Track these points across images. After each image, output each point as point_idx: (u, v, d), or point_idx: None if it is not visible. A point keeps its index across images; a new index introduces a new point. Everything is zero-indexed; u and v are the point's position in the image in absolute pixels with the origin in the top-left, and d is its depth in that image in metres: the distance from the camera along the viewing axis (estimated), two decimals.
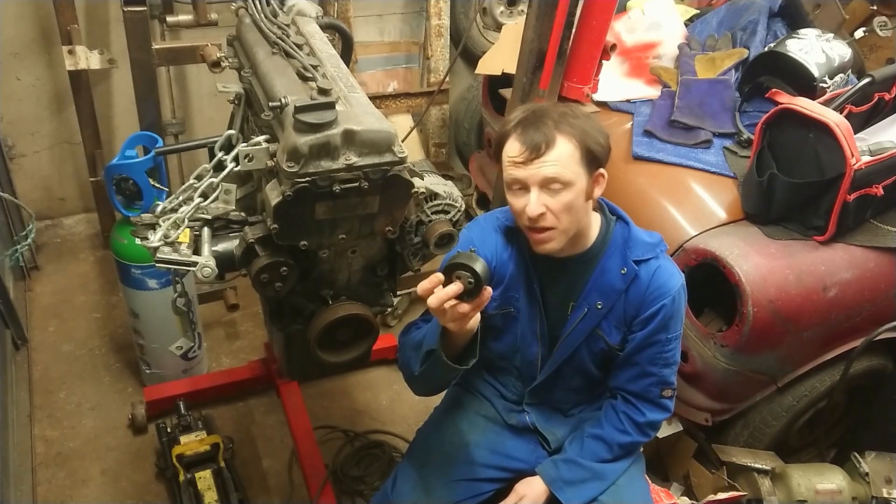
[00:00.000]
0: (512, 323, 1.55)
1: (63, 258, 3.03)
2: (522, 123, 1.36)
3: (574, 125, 1.34)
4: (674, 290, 1.44)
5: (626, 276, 1.45)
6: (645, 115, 2.37)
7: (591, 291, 1.48)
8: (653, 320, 1.45)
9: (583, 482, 1.53)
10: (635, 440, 1.55)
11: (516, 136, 1.35)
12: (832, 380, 2.02)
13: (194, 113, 3.16)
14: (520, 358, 1.59)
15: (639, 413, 1.54)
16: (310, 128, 1.21)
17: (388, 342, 2.61)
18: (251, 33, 1.65)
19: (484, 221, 1.59)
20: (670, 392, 1.54)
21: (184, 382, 2.39)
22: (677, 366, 1.54)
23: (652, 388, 1.52)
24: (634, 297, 1.46)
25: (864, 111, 2.11)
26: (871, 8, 2.62)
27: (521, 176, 1.35)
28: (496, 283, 1.51)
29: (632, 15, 2.63)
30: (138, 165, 1.82)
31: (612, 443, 1.54)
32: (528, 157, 1.33)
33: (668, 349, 1.49)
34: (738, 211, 2.01)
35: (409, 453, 1.71)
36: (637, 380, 1.52)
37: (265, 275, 1.35)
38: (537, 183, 1.34)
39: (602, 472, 1.54)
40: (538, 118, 1.35)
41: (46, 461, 2.20)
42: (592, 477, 1.53)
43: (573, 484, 1.52)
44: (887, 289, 1.94)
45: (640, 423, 1.54)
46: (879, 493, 2.00)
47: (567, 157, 1.33)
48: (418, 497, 1.55)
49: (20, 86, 2.80)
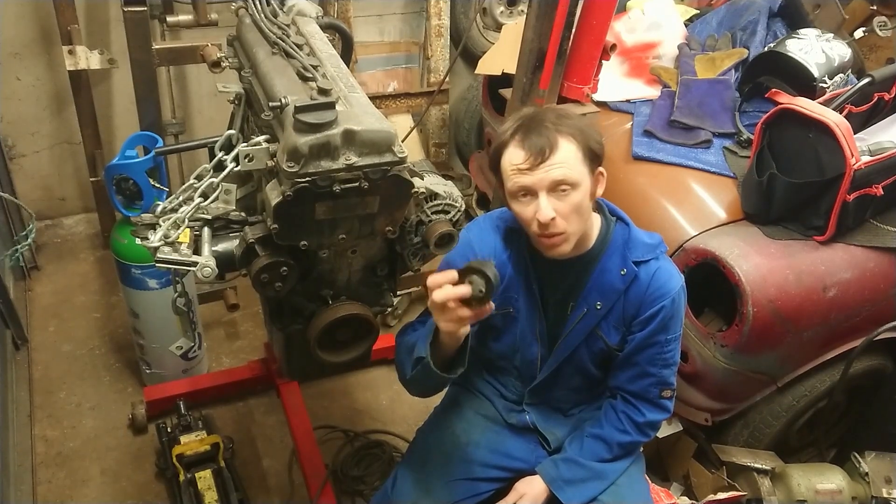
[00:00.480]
0: (511, 323, 1.55)
1: (63, 258, 3.03)
2: (521, 130, 1.34)
3: (571, 125, 1.34)
4: (673, 292, 1.44)
5: (626, 277, 1.44)
6: (645, 115, 2.37)
7: (591, 292, 1.48)
8: (652, 321, 1.45)
9: (582, 481, 1.53)
10: (635, 440, 1.55)
11: (517, 144, 1.34)
12: (832, 380, 2.02)
13: (194, 113, 3.15)
14: (519, 358, 1.59)
15: (638, 413, 1.53)
16: (310, 128, 1.21)
17: (388, 342, 2.60)
18: (251, 33, 1.65)
19: (483, 222, 1.58)
20: (670, 392, 1.54)
21: (184, 382, 2.39)
22: (677, 366, 1.53)
23: (651, 389, 1.52)
24: (634, 298, 1.46)
25: (863, 111, 2.11)
26: (871, 8, 2.62)
27: (528, 182, 1.33)
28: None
29: (632, 15, 2.63)
30: (138, 165, 1.82)
31: (612, 442, 1.54)
32: (533, 162, 1.31)
33: (667, 350, 1.49)
34: (738, 211, 2.01)
35: (408, 453, 1.71)
36: (636, 380, 1.52)
37: (265, 275, 1.35)
38: (545, 187, 1.32)
39: (602, 471, 1.54)
40: (536, 123, 1.34)
41: (46, 461, 2.20)
42: (592, 476, 1.53)
43: (573, 483, 1.52)
44: (887, 289, 1.94)
45: (640, 423, 1.54)
46: (879, 493, 2.00)
47: (572, 158, 1.33)
48: (418, 496, 1.55)
49: (20, 86, 2.80)
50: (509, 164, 1.36)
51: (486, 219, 1.59)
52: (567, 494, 1.51)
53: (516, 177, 1.35)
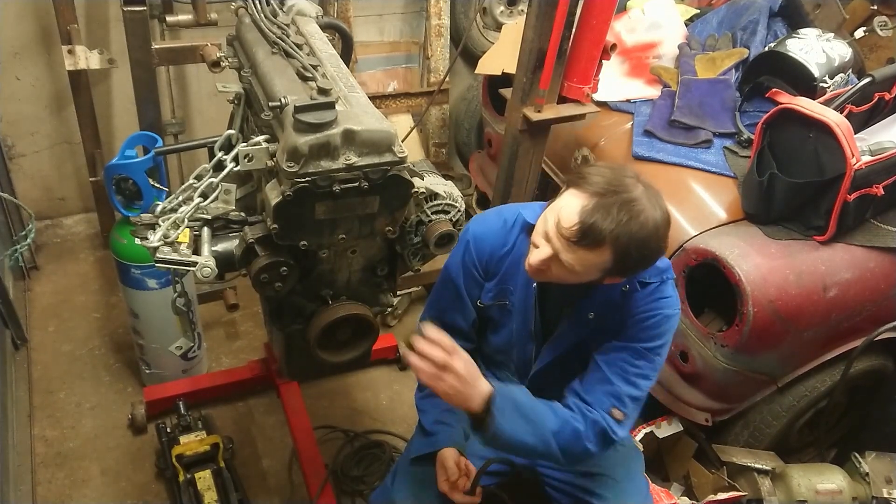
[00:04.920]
0: (507, 317, 1.55)
1: (63, 258, 3.03)
2: (599, 199, 1.24)
3: (634, 236, 1.23)
4: (669, 311, 1.41)
5: (626, 293, 1.43)
6: (645, 114, 2.37)
7: (586, 302, 1.46)
8: (638, 325, 1.41)
9: (521, 416, 1.37)
10: (575, 428, 1.40)
11: (581, 207, 1.24)
12: (832, 380, 2.02)
13: (194, 113, 3.15)
14: (516, 354, 1.60)
15: (580, 419, 1.41)
16: (310, 128, 1.21)
17: (388, 342, 2.61)
18: (251, 33, 1.65)
19: (488, 216, 1.59)
20: (620, 415, 1.41)
21: (184, 382, 2.39)
22: (640, 396, 1.43)
23: (604, 399, 1.41)
24: (629, 313, 1.43)
25: (864, 111, 2.11)
26: (871, 8, 2.62)
27: (551, 235, 1.29)
28: (490, 275, 1.53)
29: (632, 15, 2.63)
30: (138, 165, 1.82)
31: (559, 414, 1.41)
32: (569, 235, 1.25)
33: (637, 363, 1.41)
34: (738, 211, 2.01)
35: (409, 447, 1.72)
36: (594, 385, 1.43)
37: (265, 275, 1.35)
38: (555, 251, 1.29)
39: (539, 420, 1.38)
40: (613, 206, 1.23)
41: (46, 461, 2.20)
42: (528, 419, 1.37)
43: (511, 413, 1.36)
44: (887, 289, 1.93)
45: (577, 427, 1.40)
46: (879, 493, 2.00)
47: (594, 265, 1.28)
48: (418, 491, 1.56)
49: (20, 86, 2.80)
50: (560, 211, 1.28)
51: (491, 213, 1.59)
52: (502, 417, 1.33)
53: (550, 226, 1.29)
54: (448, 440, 1.56)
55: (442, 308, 1.61)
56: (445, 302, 1.59)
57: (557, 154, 2.45)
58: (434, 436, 1.58)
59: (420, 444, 1.60)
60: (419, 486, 1.56)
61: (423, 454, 1.58)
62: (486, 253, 1.52)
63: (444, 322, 1.59)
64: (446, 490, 1.48)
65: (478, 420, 1.33)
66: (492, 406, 1.31)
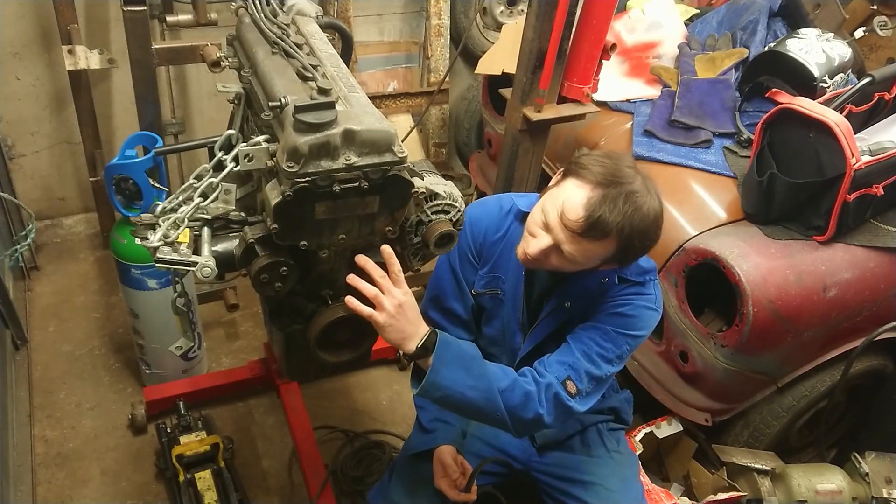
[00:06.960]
0: (499, 307, 1.57)
1: (63, 258, 3.03)
2: (603, 190, 1.25)
3: (637, 227, 1.25)
4: (646, 307, 1.42)
5: (605, 285, 1.44)
6: (645, 114, 2.37)
7: (565, 290, 1.48)
8: (613, 311, 1.41)
9: (460, 365, 1.30)
10: (527, 390, 1.33)
11: (586, 199, 1.25)
12: (832, 380, 2.02)
13: (194, 113, 3.15)
14: (507, 345, 1.61)
15: (531, 382, 1.35)
16: (310, 127, 1.21)
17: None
18: (251, 33, 1.65)
19: (487, 201, 1.61)
20: (573, 388, 1.35)
21: (184, 382, 2.39)
22: (600, 377, 1.39)
23: (559, 368, 1.37)
24: (606, 302, 1.44)
25: (864, 111, 2.11)
26: (871, 7, 2.62)
27: (553, 226, 1.29)
28: (483, 261, 1.55)
29: (632, 15, 2.63)
30: (138, 165, 1.82)
31: (509, 374, 1.36)
32: (574, 227, 1.25)
33: (604, 344, 1.38)
34: (738, 211, 2.01)
35: (406, 445, 1.72)
36: (553, 357, 1.40)
37: (265, 275, 1.35)
38: (556, 242, 1.30)
39: (484, 375, 1.31)
40: (618, 198, 1.24)
41: (46, 461, 2.20)
42: (470, 371, 1.30)
43: (450, 360, 1.29)
44: (887, 289, 1.94)
45: (528, 389, 1.33)
46: (879, 494, 2.00)
47: (597, 255, 1.29)
48: (416, 488, 1.56)
49: (20, 86, 2.80)
50: (564, 202, 1.28)
51: (491, 199, 1.61)
52: (441, 363, 1.27)
53: (552, 217, 1.29)
54: (446, 438, 1.58)
55: (440, 294, 1.62)
56: (444, 286, 1.61)
57: (557, 154, 2.45)
58: (432, 433, 1.59)
59: (418, 441, 1.61)
60: (416, 482, 1.57)
61: (421, 451, 1.58)
62: (480, 235, 1.54)
63: (444, 308, 1.62)
64: (443, 487, 1.49)
65: (416, 365, 1.30)
66: (431, 349, 1.26)
